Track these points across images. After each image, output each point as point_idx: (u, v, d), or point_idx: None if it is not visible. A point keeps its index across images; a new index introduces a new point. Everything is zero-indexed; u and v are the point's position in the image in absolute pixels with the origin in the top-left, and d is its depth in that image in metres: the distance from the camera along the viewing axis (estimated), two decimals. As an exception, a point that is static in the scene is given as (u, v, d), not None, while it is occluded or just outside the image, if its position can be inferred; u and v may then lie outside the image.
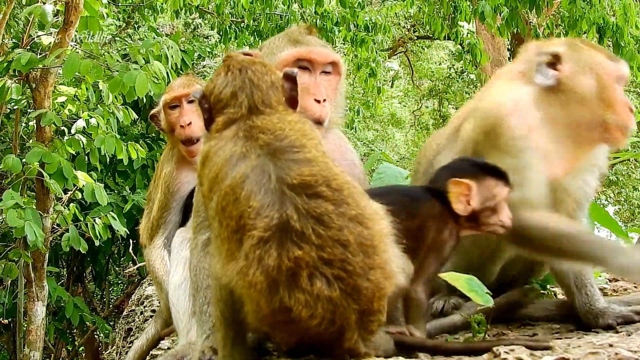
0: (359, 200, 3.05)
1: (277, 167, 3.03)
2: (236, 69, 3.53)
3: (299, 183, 2.98)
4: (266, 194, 2.96)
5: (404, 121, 44.23)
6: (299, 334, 2.95)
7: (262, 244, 2.89)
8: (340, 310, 2.86)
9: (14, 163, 9.84)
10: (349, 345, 2.93)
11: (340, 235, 2.90)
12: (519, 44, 30.02)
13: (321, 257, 2.86)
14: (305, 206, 2.92)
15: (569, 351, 3.21)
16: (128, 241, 13.35)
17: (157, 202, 4.96)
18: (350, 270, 2.88)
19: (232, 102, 3.44)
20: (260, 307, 2.94)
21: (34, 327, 11.09)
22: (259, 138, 3.19)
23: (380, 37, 18.87)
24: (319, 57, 4.15)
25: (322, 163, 3.11)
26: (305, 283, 2.84)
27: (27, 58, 9.59)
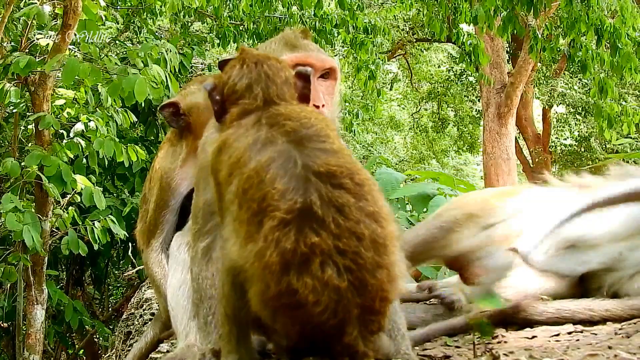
0: (377, 199, 3.06)
1: (303, 154, 3.05)
2: (252, 62, 3.57)
3: (325, 171, 2.99)
4: (291, 178, 2.97)
5: (403, 124, 44.40)
6: (301, 322, 2.95)
7: (282, 226, 2.90)
8: (345, 302, 2.87)
9: (12, 166, 9.85)
10: (349, 341, 2.93)
11: (357, 228, 2.92)
12: (518, 46, 30.17)
13: (336, 247, 2.87)
14: (329, 194, 2.94)
15: (568, 353, 3.21)
16: (127, 244, 13.37)
17: (154, 200, 4.94)
18: (361, 263, 2.89)
19: (247, 93, 3.48)
20: (269, 288, 2.94)
21: (33, 331, 11.09)
22: (286, 124, 3.21)
23: (379, 39, 18.87)
24: (317, 62, 4.17)
25: (347, 156, 3.14)
26: (317, 269, 2.85)
27: (25, 61, 9.59)
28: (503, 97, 28.46)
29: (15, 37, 12.61)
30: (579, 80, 33.39)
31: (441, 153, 45.28)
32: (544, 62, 30.33)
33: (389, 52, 33.71)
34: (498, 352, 3.14)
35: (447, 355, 3.71)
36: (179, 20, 19.88)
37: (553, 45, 17.11)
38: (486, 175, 29.16)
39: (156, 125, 14.95)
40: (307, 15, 17.85)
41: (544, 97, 33.84)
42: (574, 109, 35.06)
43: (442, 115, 41.20)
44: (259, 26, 17.61)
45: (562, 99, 33.99)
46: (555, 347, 3.38)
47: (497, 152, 28.36)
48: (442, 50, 39.94)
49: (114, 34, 17.90)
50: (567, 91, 33.69)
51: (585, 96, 31.45)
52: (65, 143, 10.63)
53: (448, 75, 38.58)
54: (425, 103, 41.86)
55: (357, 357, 2.96)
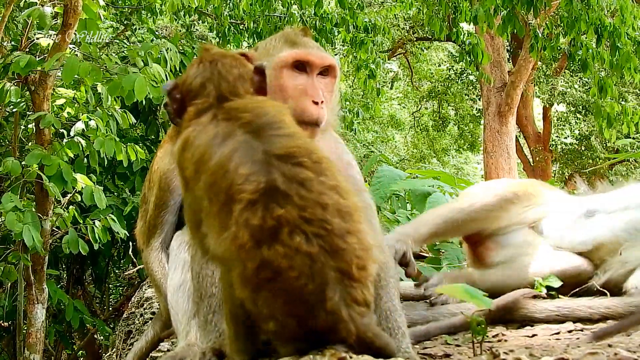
0: (336, 174, 3.18)
1: (261, 142, 3.16)
2: (207, 61, 3.66)
3: (284, 153, 3.11)
4: (254, 163, 3.08)
5: (403, 123, 44.39)
6: (282, 294, 3.00)
7: (250, 205, 3.01)
8: (319, 265, 2.95)
9: (13, 166, 9.85)
10: (331, 306, 2.96)
11: (320, 199, 3.03)
12: (518, 45, 30.16)
13: (302, 217, 2.98)
14: (290, 172, 3.06)
15: (568, 352, 3.21)
16: (128, 243, 13.37)
17: (154, 201, 4.94)
18: (329, 229, 2.99)
19: (201, 92, 3.56)
20: (246, 267, 3.03)
21: (34, 330, 11.09)
22: (241, 117, 3.31)
23: (379, 38, 18.87)
24: (317, 60, 4.18)
25: (302, 137, 3.28)
26: (286, 238, 2.95)
27: (26, 60, 9.60)
28: (503, 96, 28.46)
29: (15, 37, 12.62)
30: (579, 79, 33.40)
31: (442, 152, 45.29)
32: (545, 60, 30.32)
33: (390, 51, 33.72)
34: (498, 351, 3.14)
35: (447, 354, 3.71)
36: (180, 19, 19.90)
37: (553, 44, 17.13)
38: (487, 174, 29.16)
39: (156, 124, 14.96)
40: (307, 14, 17.88)
41: (544, 95, 33.83)
42: (574, 108, 35.06)
43: (443, 114, 41.20)
44: (259, 25, 17.62)
45: (562, 98, 33.99)
46: (556, 346, 3.39)
47: (498, 150, 28.36)
48: (442, 49, 39.93)
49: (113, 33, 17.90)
50: (568, 90, 33.69)
51: (586, 95, 31.44)
52: (65, 142, 10.63)
53: (448, 74, 38.59)
54: (426, 102, 41.87)
55: (340, 326, 2.99)
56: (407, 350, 3.65)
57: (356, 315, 3.01)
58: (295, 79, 4.08)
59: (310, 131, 4.02)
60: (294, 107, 3.98)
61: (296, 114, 3.94)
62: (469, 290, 3.64)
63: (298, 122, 3.85)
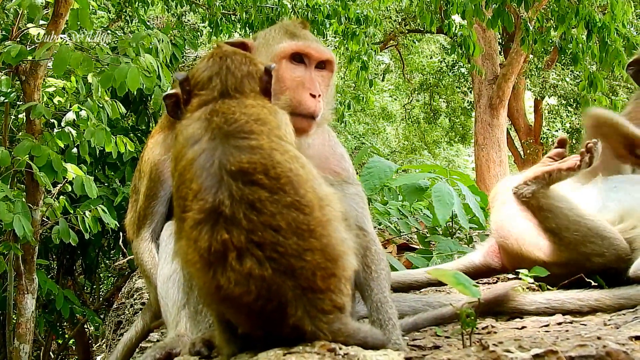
0: (297, 188, 3.11)
1: (222, 152, 3.14)
2: (218, 56, 3.68)
3: (237, 170, 3.07)
4: (207, 178, 3.08)
5: (394, 115, 44.45)
6: (243, 310, 3.04)
7: (195, 225, 3.03)
8: (275, 287, 2.95)
9: (3, 156, 9.81)
10: (294, 322, 2.99)
11: (272, 221, 3.00)
12: (510, 38, 30.19)
13: (251, 240, 2.96)
14: (239, 192, 3.02)
15: (557, 344, 3.22)
16: (118, 234, 13.35)
17: (144, 192, 4.93)
18: (282, 251, 2.97)
19: (207, 85, 3.58)
20: (203, 285, 3.09)
21: (23, 320, 11.08)
22: (213, 121, 3.31)
23: (371, 30, 18.86)
24: (316, 53, 4.18)
25: (265, 151, 3.18)
26: (235, 263, 2.94)
27: (16, 50, 9.56)
28: (495, 88, 28.52)
29: (6, 27, 12.58)
30: (570, 72, 33.44)
31: (433, 144, 45.37)
32: (536, 53, 30.38)
33: (381, 43, 33.72)
34: (487, 343, 3.15)
35: (436, 346, 3.72)
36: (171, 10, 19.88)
37: (545, 37, 17.14)
38: (477, 167, 29.24)
39: (147, 114, 14.96)
40: (299, 5, 17.86)
41: (535, 88, 33.88)
42: (565, 101, 35.13)
43: (434, 106, 41.25)
44: (251, 16, 17.59)
45: (553, 91, 34.04)
46: (545, 338, 3.40)
47: (489, 143, 28.42)
48: (434, 41, 39.98)
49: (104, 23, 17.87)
50: (559, 83, 33.72)
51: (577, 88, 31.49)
52: (56, 132, 10.60)
53: (440, 66, 38.62)
54: (417, 94, 41.91)
55: (305, 337, 3.02)
56: (397, 342, 3.66)
57: (323, 325, 3.03)
58: (293, 71, 4.07)
59: (306, 124, 4.01)
60: (290, 98, 3.99)
61: (293, 105, 3.96)
62: (458, 277, 3.64)
63: (295, 115, 3.86)
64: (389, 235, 8.77)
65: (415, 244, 8.51)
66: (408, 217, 9.09)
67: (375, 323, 3.77)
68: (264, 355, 2.97)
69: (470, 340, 3.57)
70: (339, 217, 3.23)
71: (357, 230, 3.75)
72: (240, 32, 18.44)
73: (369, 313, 3.89)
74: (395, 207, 9.14)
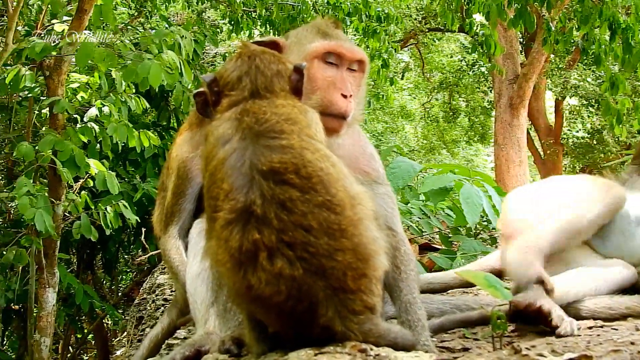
0: (328, 187, 3.11)
1: (253, 152, 3.14)
2: (246, 55, 3.68)
3: (268, 170, 3.08)
4: (238, 177, 3.09)
5: (413, 113, 44.31)
6: (273, 310, 3.05)
7: (226, 225, 3.03)
8: (305, 287, 2.95)
9: (26, 150, 9.85)
10: (325, 322, 2.99)
11: (303, 220, 3.00)
12: (531, 37, 30.07)
13: (282, 240, 2.96)
14: (270, 192, 3.02)
15: (590, 348, 3.21)
16: (138, 230, 13.36)
17: (172, 189, 4.92)
18: (313, 251, 2.97)
19: (237, 85, 3.57)
20: (233, 284, 3.11)
21: (44, 314, 11.13)
22: (244, 121, 3.31)
23: (392, 27, 18.81)
24: (348, 53, 4.16)
25: (296, 150, 3.18)
26: (266, 263, 2.95)
27: (41, 46, 9.59)
28: (515, 88, 28.38)
29: (29, 22, 12.62)
30: (592, 72, 33.27)
31: (452, 143, 45.20)
32: (557, 53, 30.24)
33: (401, 42, 33.65)
34: (520, 346, 3.14)
35: (465, 348, 3.71)
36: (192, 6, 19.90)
37: (567, 37, 17.04)
38: (497, 167, 29.11)
39: (168, 110, 14.99)
40: (320, 2, 17.85)
41: (556, 88, 33.72)
42: (586, 101, 34.93)
43: (454, 105, 41.09)
44: (272, 13, 17.58)
45: (574, 91, 33.86)
46: (577, 342, 3.38)
47: (509, 143, 28.28)
48: (454, 40, 39.81)
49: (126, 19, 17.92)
50: (580, 83, 33.56)
51: (599, 89, 31.34)
52: (79, 128, 10.63)
53: (460, 65, 38.46)
54: (437, 93, 41.79)
55: (336, 338, 3.02)
56: (426, 343, 3.65)
57: (354, 326, 3.03)
58: (325, 71, 4.05)
59: (337, 124, 4.00)
60: (322, 98, 3.98)
61: (324, 105, 3.95)
62: (490, 280, 3.63)
63: (325, 114, 3.85)
64: (410, 235, 8.76)
65: (437, 244, 8.49)
66: (430, 217, 9.07)
67: (404, 324, 3.76)
68: (294, 354, 2.97)
69: (500, 343, 3.56)
70: (370, 216, 3.22)
71: (386, 230, 3.74)
72: (261, 29, 18.45)
73: (397, 314, 3.88)
74: (417, 206, 9.13)
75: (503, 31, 27.67)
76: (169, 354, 4.06)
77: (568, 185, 5.54)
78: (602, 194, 5.13)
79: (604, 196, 5.11)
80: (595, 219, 4.99)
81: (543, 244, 4.74)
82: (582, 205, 5.06)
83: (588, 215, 4.97)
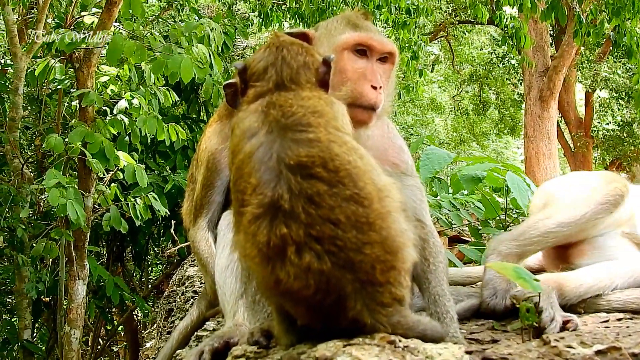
0: (356, 181, 3.08)
1: (280, 145, 3.11)
2: (274, 46, 3.65)
3: (295, 164, 3.04)
4: (265, 172, 3.06)
5: (443, 106, 44.27)
6: (302, 304, 3.04)
7: (254, 220, 3.01)
8: (334, 281, 2.93)
9: (56, 142, 9.91)
10: (353, 315, 2.98)
11: (331, 214, 2.97)
12: (561, 30, 29.92)
13: (310, 234, 2.94)
14: (298, 187, 3.00)
15: (619, 340, 3.19)
16: (168, 221, 13.42)
17: (201, 180, 4.93)
18: (341, 245, 2.94)
19: (262, 76, 3.55)
20: (262, 279, 3.08)
21: (74, 306, 11.20)
22: (270, 114, 3.28)
23: (422, 20, 18.76)
24: (379, 45, 4.14)
25: (323, 144, 3.15)
26: (294, 257, 2.93)
27: (70, 38, 9.63)
28: (545, 81, 28.26)
29: (59, 14, 12.68)
30: (622, 64, 33.09)
31: (482, 136, 45.13)
32: (588, 46, 30.08)
33: (431, 34, 33.59)
34: (549, 338, 3.12)
35: (495, 340, 3.69)
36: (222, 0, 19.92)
37: (598, 29, 16.94)
38: (527, 159, 29.02)
39: (198, 103, 15.03)
40: (350, -5, 17.81)
41: (586, 81, 33.59)
42: (617, 94, 34.77)
43: (484, 97, 41.01)
44: (301, 6, 17.58)
45: (605, 84, 33.71)
46: (606, 334, 3.35)
47: (539, 135, 28.19)
48: (484, 32, 39.71)
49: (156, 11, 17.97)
50: (611, 76, 33.40)
51: (629, 81, 31.13)
52: (108, 120, 10.68)
53: (490, 57, 38.37)
54: (467, 85, 41.71)
55: (365, 330, 3.00)
56: (455, 335, 3.65)
57: (382, 318, 3.01)
58: (355, 62, 4.04)
59: (366, 115, 3.99)
60: (351, 90, 3.96)
61: (354, 97, 3.93)
62: (519, 272, 3.60)
63: (355, 106, 3.84)
64: (440, 228, 8.74)
65: (466, 236, 8.48)
66: (459, 209, 9.04)
67: (433, 316, 3.76)
68: (323, 346, 2.96)
69: (530, 335, 3.55)
70: (398, 208, 3.19)
71: (415, 222, 3.73)
72: (290, 21, 18.47)
73: (426, 306, 3.87)
74: (447, 199, 9.09)
75: (533, 24, 27.56)
76: (197, 346, 4.06)
77: (570, 183, 5.56)
78: (594, 195, 5.12)
79: (597, 195, 5.10)
80: (580, 221, 4.99)
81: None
82: (569, 211, 5.07)
83: (572, 219, 4.97)
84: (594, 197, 5.08)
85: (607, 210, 5.01)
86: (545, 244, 4.95)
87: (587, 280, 4.51)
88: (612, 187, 5.08)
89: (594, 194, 5.11)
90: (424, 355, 2.92)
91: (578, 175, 5.89)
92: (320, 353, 2.89)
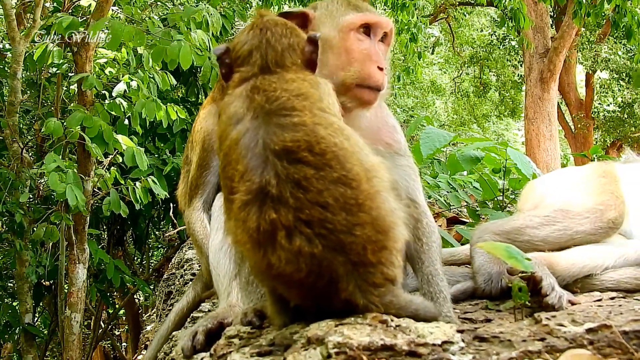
0: (343, 163, 3.09)
1: (265, 131, 3.12)
2: (258, 28, 3.63)
3: (281, 149, 3.06)
4: (252, 158, 3.07)
5: (444, 88, 44.17)
6: (294, 287, 3.07)
7: (243, 206, 3.03)
8: (325, 263, 2.95)
9: (55, 127, 9.91)
10: (346, 296, 3.00)
11: (319, 198, 2.99)
12: (562, 11, 29.84)
13: (299, 218, 2.96)
14: (285, 172, 3.01)
15: (611, 318, 3.20)
16: (168, 205, 13.44)
17: (196, 161, 4.94)
18: (331, 228, 2.97)
19: (247, 60, 3.54)
20: (254, 263, 3.12)
21: (75, 289, 11.23)
22: (255, 99, 3.28)
23: (421, 2, 18.71)
24: (385, 24, 4.17)
25: (308, 127, 3.16)
26: (285, 242, 2.95)
27: (68, 22, 9.62)
28: (546, 62, 28.19)
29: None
30: (623, 45, 33.01)
31: (482, 118, 45.04)
32: (588, 27, 30.02)
33: (431, 16, 33.52)
34: (540, 316, 3.13)
35: (488, 319, 3.70)
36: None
37: (598, 10, 16.89)
38: (527, 141, 28.98)
39: (196, 86, 15.01)
40: (350, -23, 17.74)
41: (587, 62, 33.55)
42: (617, 75, 34.70)
43: (484, 79, 40.90)
44: (301, -12, 17.55)
45: (605, 65, 33.66)
46: (598, 312, 3.36)
47: (539, 117, 28.13)
48: (484, 14, 39.64)
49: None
50: (611, 57, 33.34)
51: (630, 62, 31.07)
52: (107, 104, 10.68)
53: (490, 39, 38.31)
54: (467, 67, 41.62)
55: (357, 310, 3.02)
56: (449, 314, 3.65)
57: (375, 298, 3.03)
58: (361, 43, 4.04)
59: (372, 96, 4.01)
60: (359, 70, 3.97)
61: (361, 78, 3.95)
62: (510, 251, 3.61)
63: (363, 87, 3.87)
64: (438, 209, 8.74)
65: (465, 218, 8.47)
66: (458, 190, 9.04)
67: (426, 295, 3.76)
68: (315, 326, 2.98)
69: (522, 314, 3.56)
70: (387, 187, 3.20)
71: (407, 202, 3.74)
72: (290, 4, 18.40)
73: (420, 285, 3.88)
74: (445, 180, 9.09)
75: (533, 5, 27.48)
76: (192, 327, 4.08)
77: (561, 190, 5.46)
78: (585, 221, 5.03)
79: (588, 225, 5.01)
80: (567, 242, 4.90)
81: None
82: (557, 230, 4.95)
83: (558, 240, 4.89)
84: (584, 224, 4.98)
85: (597, 237, 4.95)
86: (527, 250, 4.92)
87: (578, 259, 4.49)
88: (606, 218, 4.96)
89: (584, 219, 5.00)
90: (415, 334, 2.93)
91: (570, 178, 5.80)
92: (313, 333, 2.91)
